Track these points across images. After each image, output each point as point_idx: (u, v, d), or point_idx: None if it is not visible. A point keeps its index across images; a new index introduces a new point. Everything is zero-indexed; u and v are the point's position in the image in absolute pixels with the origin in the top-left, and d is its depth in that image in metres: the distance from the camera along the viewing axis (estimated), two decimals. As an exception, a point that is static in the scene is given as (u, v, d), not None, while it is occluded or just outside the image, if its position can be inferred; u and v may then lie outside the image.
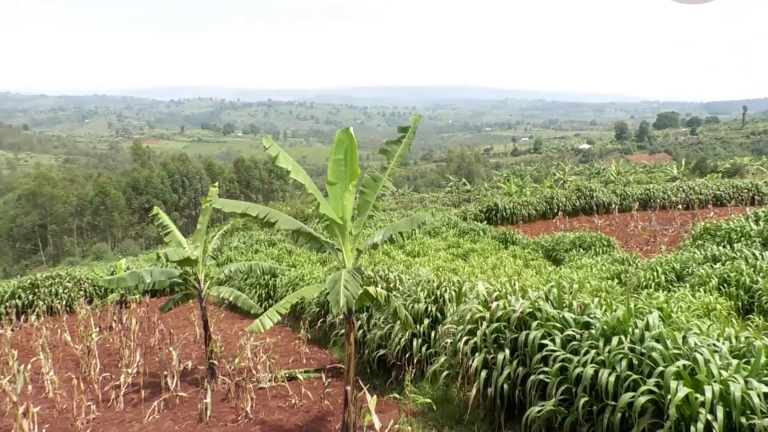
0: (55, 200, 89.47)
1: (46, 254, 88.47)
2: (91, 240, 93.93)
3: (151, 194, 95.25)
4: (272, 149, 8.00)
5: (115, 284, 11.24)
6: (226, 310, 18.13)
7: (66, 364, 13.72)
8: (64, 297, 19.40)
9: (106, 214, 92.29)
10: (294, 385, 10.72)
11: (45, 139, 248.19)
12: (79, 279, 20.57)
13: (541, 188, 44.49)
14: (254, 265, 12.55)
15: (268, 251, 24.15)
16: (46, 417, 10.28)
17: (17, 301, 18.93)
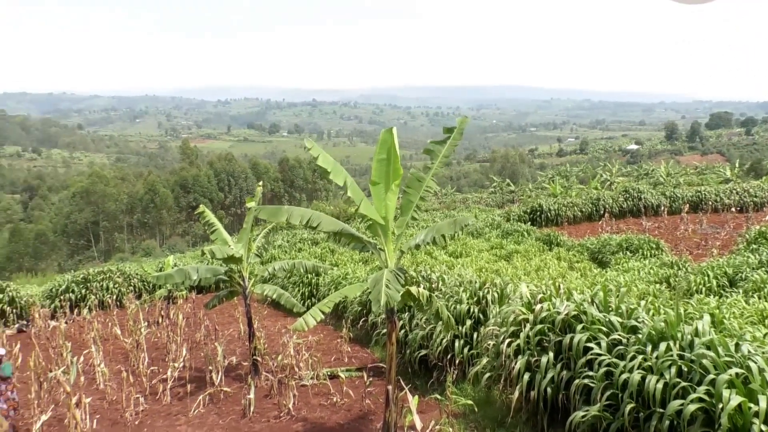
0: (107, 198, 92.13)
1: (98, 250, 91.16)
2: (140, 237, 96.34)
3: (198, 193, 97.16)
4: (314, 150, 8.06)
5: (163, 280, 11.52)
6: (269, 308, 18.37)
7: (116, 357, 14.11)
8: (115, 292, 19.96)
9: (155, 212, 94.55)
10: (336, 384, 10.80)
11: (98, 139, 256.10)
12: (128, 275, 21.13)
13: (587, 189, 43.70)
14: (297, 263, 12.69)
15: (311, 250, 24.36)
16: (97, 408, 10.59)
17: (71, 294, 19.55)
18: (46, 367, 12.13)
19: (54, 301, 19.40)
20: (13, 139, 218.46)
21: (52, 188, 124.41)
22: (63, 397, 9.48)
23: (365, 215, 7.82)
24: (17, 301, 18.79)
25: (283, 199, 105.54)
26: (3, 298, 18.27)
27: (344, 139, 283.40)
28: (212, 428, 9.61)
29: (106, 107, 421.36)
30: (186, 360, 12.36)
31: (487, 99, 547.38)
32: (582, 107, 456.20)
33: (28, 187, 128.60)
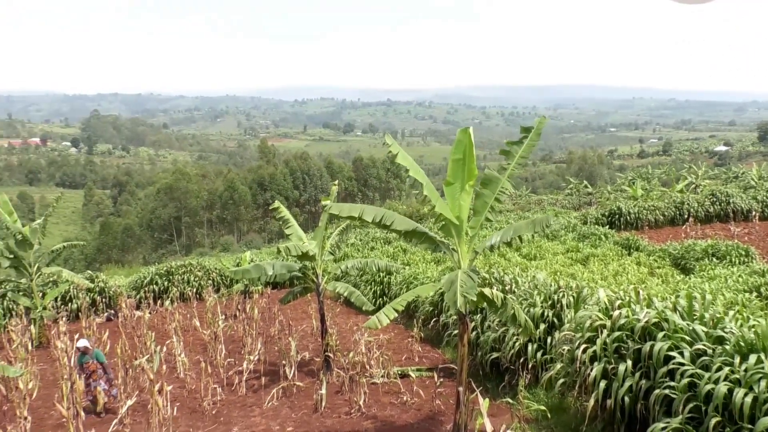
0: (188, 194, 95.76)
1: (179, 244, 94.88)
2: (219, 232, 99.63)
3: (274, 190, 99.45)
4: (393, 147, 8.10)
5: (240, 275, 11.88)
6: (342, 305, 18.60)
7: (195, 347, 14.65)
8: (195, 285, 20.71)
9: (234, 208, 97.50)
10: (406, 383, 10.81)
11: (181, 137, 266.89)
12: (208, 269, 21.88)
13: (671, 192, 41.92)
14: (370, 262, 12.79)
15: (384, 249, 24.50)
16: (177, 395, 11.03)
17: (155, 286, 20.44)
18: (131, 355, 12.76)
19: (139, 292, 20.33)
20: (106, 138, 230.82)
21: (139, 184, 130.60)
22: (147, 384, 9.93)
23: (439, 215, 7.79)
24: (106, 291, 19.80)
25: (357, 197, 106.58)
26: (94, 288, 19.28)
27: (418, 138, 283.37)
28: (285, 421, 9.82)
29: (189, 107, 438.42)
30: (261, 353, 12.68)
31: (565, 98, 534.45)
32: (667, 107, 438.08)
33: (118, 183, 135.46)
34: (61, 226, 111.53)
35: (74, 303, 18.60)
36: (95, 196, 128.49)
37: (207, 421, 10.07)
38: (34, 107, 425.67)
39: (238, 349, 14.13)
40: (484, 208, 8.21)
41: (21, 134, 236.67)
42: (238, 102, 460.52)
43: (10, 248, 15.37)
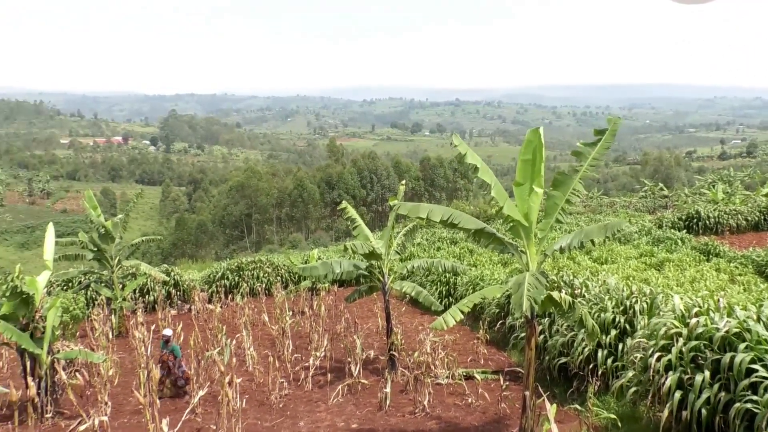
0: (259, 192, 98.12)
1: (249, 241, 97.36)
2: (287, 230, 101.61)
3: (342, 189, 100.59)
4: (461, 147, 8.05)
5: (308, 272, 12.08)
6: (407, 305, 18.62)
7: (263, 342, 15.00)
8: (264, 281, 21.19)
9: (302, 207, 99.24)
10: (471, 385, 10.72)
11: (253, 136, 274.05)
12: (276, 265, 22.34)
13: (755, 196, 39.83)
14: (436, 262, 12.76)
15: (450, 249, 24.36)
16: (246, 388, 11.33)
17: (226, 281, 21.04)
18: (203, 347, 13.20)
19: (211, 286, 20.97)
20: (182, 136, 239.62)
21: (213, 182, 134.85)
22: (217, 375, 10.24)
23: (508, 216, 7.69)
24: (180, 284, 20.53)
25: (423, 197, 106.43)
26: (169, 281, 20.03)
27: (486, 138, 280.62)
28: (350, 418, 9.93)
29: (261, 107, 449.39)
30: (327, 350, 12.85)
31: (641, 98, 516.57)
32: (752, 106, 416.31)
33: (193, 180, 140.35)
34: (139, 221, 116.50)
35: (151, 295, 19.37)
36: (172, 192, 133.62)
37: (274, 414, 10.29)
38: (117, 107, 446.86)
39: (304, 345, 14.38)
40: (554, 210, 8.05)
41: (105, 133, 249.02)
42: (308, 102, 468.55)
43: (94, 241, 16.15)
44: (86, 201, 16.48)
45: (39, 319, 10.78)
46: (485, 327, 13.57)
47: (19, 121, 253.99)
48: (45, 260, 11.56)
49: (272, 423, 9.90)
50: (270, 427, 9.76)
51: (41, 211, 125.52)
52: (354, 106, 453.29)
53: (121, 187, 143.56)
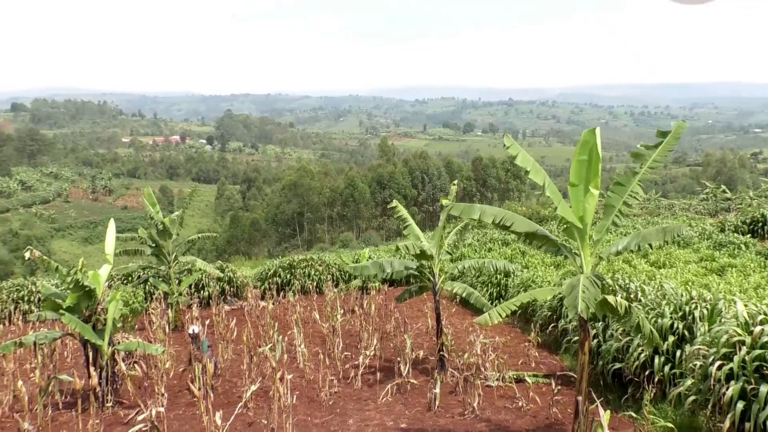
0: (311, 191, 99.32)
1: (301, 239, 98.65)
2: (339, 229, 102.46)
3: (393, 189, 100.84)
4: (512, 148, 7.96)
5: (359, 271, 12.15)
6: (457, 306, 18.52)
7: (314, 339, 15.16)
8: (315, 279, 21.42)
9: (353, 206, 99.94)
10: (521, 388, 10.59)
11: (306, 136, 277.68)
12: (328, 264, 22.55)
13: (824, 200, 37.99)
14: (487, 263, 12.65)
15: (501, 250, 24.10)
16: (297, 385, 11.48)
17: (278, 278, 21.36)
18: (256, 343, 13.43)
19: (264, 283, 21.32)
20: (237, 136, 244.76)
21: (266, 180, 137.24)
22: (269, 371, 10.41)
23: (562, 218, 7.56)
24: (234, 281, 20.96)
25: (475, 198, 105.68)
26: (223, 277, 20.48)
27: (540, 138, 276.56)
28: (399, 417, 9.94)
29: (314, 107, 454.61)
30: (376, 349, 12.90)
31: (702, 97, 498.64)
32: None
33: (247, 179, 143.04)
34: (195, 218, 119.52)
35: (206, 291, 19.84)
36: (226, 191, 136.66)
37: (324, 411, 10.40)
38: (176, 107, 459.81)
39: (354, 343, 14.47)
40: (610, 212, 7.87)
41: (164, 132, 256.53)
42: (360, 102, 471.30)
43: (153, 237, 16.65)
44: (146, 198, 17.01)
45: (101, 311, 11.19)
46: (536, 330, 13.38)
47: (84, 121, 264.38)
48: (106, 255, 11.99)
49: (322, 420, 10.00)
50: (320, 423, 9.86)
51: (103, 207, 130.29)
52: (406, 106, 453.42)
53: (178, 185, 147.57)
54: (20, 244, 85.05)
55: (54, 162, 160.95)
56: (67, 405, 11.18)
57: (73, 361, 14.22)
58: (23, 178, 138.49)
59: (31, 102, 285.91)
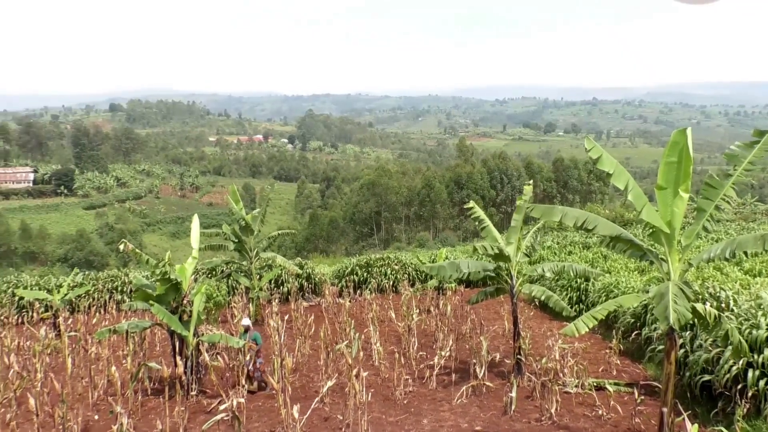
0: (389, 190, 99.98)
1: (378, 238, 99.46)
2: (415, 228, 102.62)
3: (471, 189, 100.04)
4: (594, 151, 7.73)
5: (435, 271, 12.12)
6: (535, 309, 18.16)
7: (390, 338, 15.24)
8: (392, 278, 21.53)
9: (430, 206, 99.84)
10: (602, 396, 10.26)
11: (384, 135, 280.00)
12: (404, 263, 22.61)
13: None
14: (567, 266, 12.33)
15: (582, 254, 23.42)
16: (372, 382, 11.57)
17: (355, 276, 21.60)
18: (332, 339, 13.65)
19: (341, 281, 21.62)
20: (317, 135, 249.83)
21: (345, 179, 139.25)
22: (345, 368, 10.55)
23: (648, 222, 7.27)
24: (312, 278, 21.39)
25: (555, 199, 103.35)
26: (302, 274, 20.93)
27: (625, 139, 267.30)
28: (474, 420, 9.84)
29: (393, 107, 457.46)
30: (452, 350, 12.83)
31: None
32: None
33: (326, 178, 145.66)
34: (276, 216, 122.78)
35: (285, 286, 20.34)
36: (306, 189, 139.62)
37: (398, 409, 10.43)
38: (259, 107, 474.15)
39: (429, 343, 14.44)
40: (701, 217, 7.50)
41: (248, 131, 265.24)
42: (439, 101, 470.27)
43: (236, 233, 17.22)
44: (230, 195, 17.61)
45: (186, 303, 11.69)
46: (619, 337, 12.92)
47: (174, 121, 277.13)
48: (192, 249, 12.51)
49: (396, 418, 10.04)
50: (394, 422, 9.90)
51: (190, 203, 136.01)
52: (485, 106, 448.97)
53: (260, 183, 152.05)
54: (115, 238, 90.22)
55: (146, 160, 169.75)
56: (155, 391, 11.74)
57: (160, 349, 14.91)
58: (118, 174, 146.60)
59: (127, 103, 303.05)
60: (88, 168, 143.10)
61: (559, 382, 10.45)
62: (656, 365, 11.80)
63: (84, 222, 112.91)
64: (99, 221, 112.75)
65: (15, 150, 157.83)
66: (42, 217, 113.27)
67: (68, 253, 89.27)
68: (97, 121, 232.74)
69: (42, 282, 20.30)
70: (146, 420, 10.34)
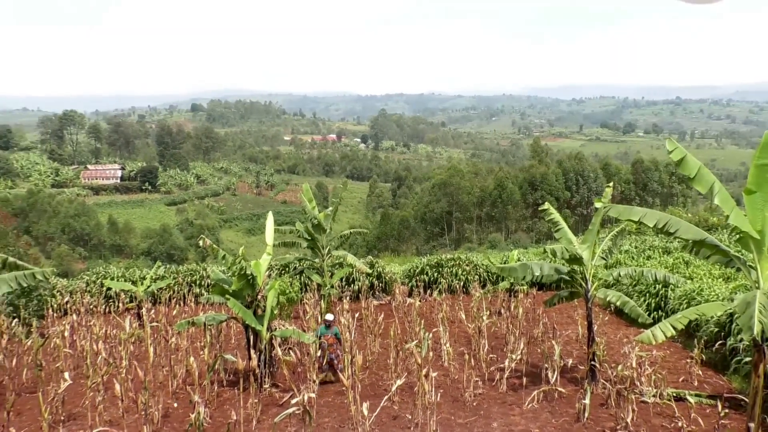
0: (461, 191, 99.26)
1: (449, 238, 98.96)
2: (487, 229, 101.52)
3: (545, 190, 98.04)
4: (676, 153, 7.43)
5: (507, 273, 11.96)
6: (610, 314, 17.60)
7: (459, 339, 15.14)
8: (462, 279, 21.34)
9: (502, 207, 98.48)
10: (681, 407, 9.84)
11: (457, 135, 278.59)
12: (475, 264, 22.37)
13: None
14: (646, 271, 11.90)
15: (662, 259, 22.50)
16: (441, 383, 11.53)
17: (425, 276, 21.55)
18: (402, 338, 13.69)
19: (411, 280, 21.62)
20: (390, 135, 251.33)
21: (416, 179, 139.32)
22: (415, 367, 10.56)
23: (735, 227, 6.92)
24: (383, 276, 21.50)
25: (633, 202, 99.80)
26: (373, 272, 21.07)
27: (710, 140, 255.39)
28: (545, 426, 9.65)
29: (466, 106, 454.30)
30: (523, 353, 12.61)
31: None
32: None
33: (398, 177, 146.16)
34: (348, 214, 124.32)
35: (356, 284, 20.53)
36: (377, 188, 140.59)
37: (467, 411, 10.36)
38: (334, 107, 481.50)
39: (500, 346, 14.26)
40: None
41: (321, 131, 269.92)
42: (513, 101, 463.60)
43: (309, 231, 17.52)
44: (303, 194, 17.95)
45: (261, 298, 12.00)
46: (701, 346, 12.34)
47: (251, 120, 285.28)
48: (267, 246, 12.83)
49: (465, 420, 9.97)
50: (463, 423, 9.84)
51: (265, 201, 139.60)
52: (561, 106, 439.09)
53: (333, 182, 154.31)
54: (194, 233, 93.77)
55: (224, 158, 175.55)
56: (230, 383, 12.12)
57: (236, 342, 15.37)
58: (198, 172, 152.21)
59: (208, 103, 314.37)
60: (171, 165, 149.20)
61: (636, 391, 10.09)
62: (742, 378, 11.21)
63: (166, 217, 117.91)
64: (180, 217, 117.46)
65: (105, 148, 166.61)
66: (128, 212, 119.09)
67: (151, 247, 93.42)
68: (180, 120, 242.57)
69: (127, 274, 21.30)
70: (221, 410, 10.68)
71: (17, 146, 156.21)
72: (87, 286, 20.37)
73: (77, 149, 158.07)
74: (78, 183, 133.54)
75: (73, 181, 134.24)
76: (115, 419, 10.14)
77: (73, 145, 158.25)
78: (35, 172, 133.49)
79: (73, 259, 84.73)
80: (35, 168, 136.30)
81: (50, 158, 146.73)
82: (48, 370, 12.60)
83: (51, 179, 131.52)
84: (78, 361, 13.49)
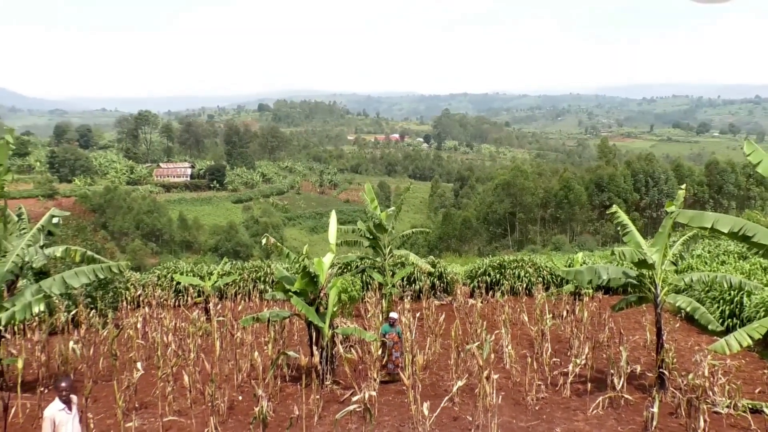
0: (524, 191, 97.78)
1: (512, 239, 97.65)
2: (551, 231, 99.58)
3: (612, 192, 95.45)
4: (754, 155, 7.11)
5: (572, 276, 11.73)
6: (681, 321, 16.96)
7: (521, 342, 14.93)
8: (525, 280, 21.02)
9: (568, 208, 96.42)
10: (758, 420, 9.42)
11: (521, 135, 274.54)
12: (539, 266, 21.99)
13: None
14: (720, 277, 11.44)
15: (738, 264, 21.49)
16: (502, 385, 11.40)
17: (487, 277, 21.34)
18: (463, 339, 13.61)
19: (473, 281, 21.46)
20: (453, 135, 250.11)
21: (479, 179, 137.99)
22: (475, 369, 10.48)
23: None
24: (444, 276, 21.41)
25: (707, 205, 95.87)
26: (434, 272, 21.01)
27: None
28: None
29: (531, 106, 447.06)
30: (587, 358, 12.31)
31: None
32: None
33: (460, 177, 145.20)
34: (410, 214, 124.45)
35: (417, 284, 20.53)
36: (440, 188, 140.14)
37: (529, 415, 10.21)
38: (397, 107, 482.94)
39: (563, 350, 13.98)
40: None
41: (384, 130, 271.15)
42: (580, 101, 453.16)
43: (371, 230, 17.65)
44: (366, 193, 18.10)
45: (323, 296, 12.17)
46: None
47: (316, 120, 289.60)
48: (330, 244, 12.99)
49: (527, 424, 9.83)
50: (525, 427, 9.70)
51: (328, 200, 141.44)
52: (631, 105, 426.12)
53: (395, 181, 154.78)
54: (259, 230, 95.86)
55: (289, 157, 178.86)
56: (293, 378, 12.35)
57: (298, 339, 15.64)
58: (264, 171, 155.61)
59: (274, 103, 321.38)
60: (238, 164, 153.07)
61: (708, 401, 9.69)
62: (824, 391, 10.62)
63: (233, 215, 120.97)
64: (246, 214, 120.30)
65: (176, 147, 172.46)
66: (197, 209, 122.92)
67: (218, 244, 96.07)
68: (247, 120, 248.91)
69: (196, 269, 22.00)
70: (284, 405, 10.90)
71: (96, 145, 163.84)
72: (158, 280, 21.18)
73: (151, 148, 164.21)
74: (151, 180, 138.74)
75: (147, 178, 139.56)
76: (183, 409, 10.50)
77: (147, 144, 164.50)
78: (112, 169, 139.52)
79: (145, 253, 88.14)
80: (112, 166, 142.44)
81: (126, 156, 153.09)
82: (122, 359, 13.19)
83: (126, 177, 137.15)
84: (149, 351, 14.05)
